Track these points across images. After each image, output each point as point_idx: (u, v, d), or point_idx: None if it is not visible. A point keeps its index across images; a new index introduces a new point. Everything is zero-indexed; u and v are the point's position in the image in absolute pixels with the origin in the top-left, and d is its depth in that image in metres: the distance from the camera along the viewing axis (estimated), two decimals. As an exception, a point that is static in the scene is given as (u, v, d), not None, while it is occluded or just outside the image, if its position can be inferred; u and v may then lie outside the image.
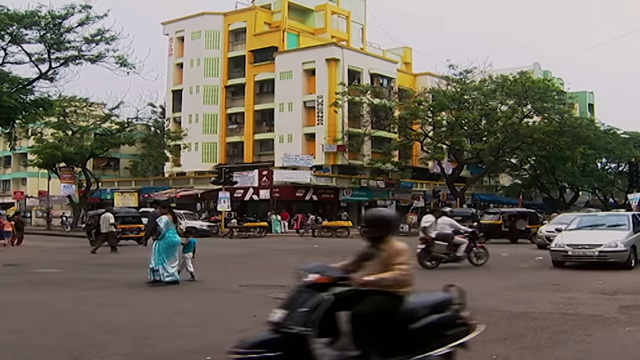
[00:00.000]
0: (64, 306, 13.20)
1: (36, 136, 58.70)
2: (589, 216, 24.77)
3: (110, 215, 30.68)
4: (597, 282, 16.55)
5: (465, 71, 61.16)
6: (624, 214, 23.26)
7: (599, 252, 19.50)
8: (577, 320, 11.21)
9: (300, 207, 60.52)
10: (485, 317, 11.49)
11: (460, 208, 53.74)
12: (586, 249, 19.77)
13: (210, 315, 12.13)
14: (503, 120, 58.48)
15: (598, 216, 24.45)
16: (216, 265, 23.26)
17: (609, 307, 12.64)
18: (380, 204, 65.06)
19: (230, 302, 13.69)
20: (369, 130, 63.09)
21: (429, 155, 61.53)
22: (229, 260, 25.55)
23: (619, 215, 23.46)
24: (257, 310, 12.14)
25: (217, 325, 11.02)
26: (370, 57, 70.30)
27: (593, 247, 19.67)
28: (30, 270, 19.21)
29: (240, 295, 14.69)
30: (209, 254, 28.44)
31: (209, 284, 16.95)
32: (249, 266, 22.84)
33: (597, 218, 23.55)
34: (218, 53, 72.30)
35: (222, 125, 72.08)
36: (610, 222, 21.94)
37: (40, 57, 33.14)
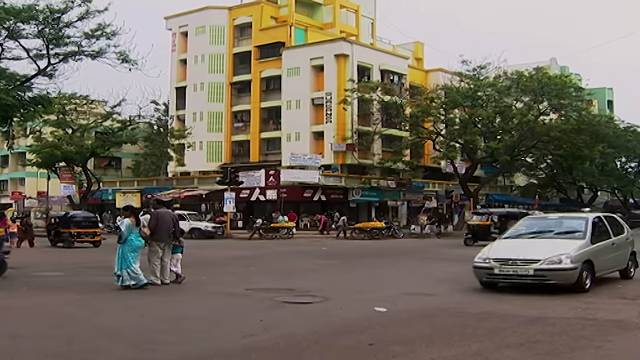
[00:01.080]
0: (64, 310, 13.20)
1: (35, 135, 58.74)
2: (537, 219, 19.72)
3: None
4: (617, 286, 16.51)
5: (479, 67, 60.91)
6: (582, 217, 17.64)
7: (535, 270, 14.87)
8: (597, 326, 11.12)
9: (308, 207, 60.54)
10: (500, 322, 11.47)
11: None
12: (518, 265, 15.11)
13: (215, 320, 12.08)
14: (518, 117, 58.25)
15: (548, 219, 19.28)
16: (221, 268, 23.25)
17: (630, 312, 12.56)
18: (391, 204, 65.23)
19: (236, 306, 13.66)
20: (379, 128, 62.97)
21: (442, 155, 61.37)
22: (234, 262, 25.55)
23: (576, 218, 17.98)
24: (264, 315, 12.16)
25: (223, 330, 11.00)
26: (380, 52, 70.18)
27: (527, 264, 15.02)
28: (29, 274, 19.24)
29: (246, 299, 14.66)
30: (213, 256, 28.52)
31: (214, 287, 16.94)
32: (256, 269, 22.81)
33: (547, 222, 18.50)
34: (223, 49, 72.34)
35: (227, 124, 72.11)
36: (564, 227, 17.18)
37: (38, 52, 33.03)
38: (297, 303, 13.85)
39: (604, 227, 17.19)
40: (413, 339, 10.18)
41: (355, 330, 10.84)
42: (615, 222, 18.28)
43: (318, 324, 11.39)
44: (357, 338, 10.24)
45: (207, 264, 24.14)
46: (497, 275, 15.49)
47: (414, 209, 64.14)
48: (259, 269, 22.91)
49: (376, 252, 29.77)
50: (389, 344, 9.76)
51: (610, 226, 17.53)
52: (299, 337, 10.29)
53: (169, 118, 74.08)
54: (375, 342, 9.80)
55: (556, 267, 14.86)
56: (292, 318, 12.12)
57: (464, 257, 26.49)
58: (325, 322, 11.54)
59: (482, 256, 15.95)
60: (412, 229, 53.06)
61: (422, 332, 10.70)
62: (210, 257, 27.95)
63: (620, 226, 18.38)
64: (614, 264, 17.28)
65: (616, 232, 17.63)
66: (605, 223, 17.46)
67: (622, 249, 17.74)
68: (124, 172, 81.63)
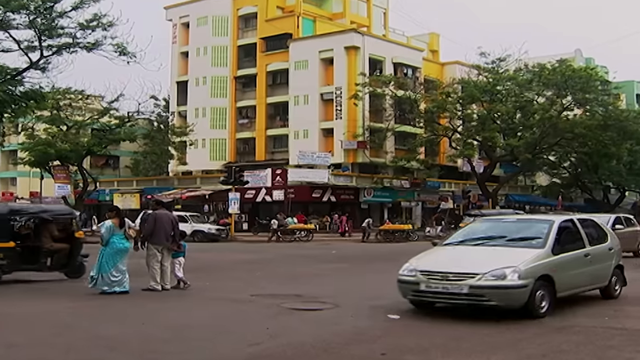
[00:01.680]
0: (61, 318, 13.23)
1: (27, 132, 58.76)
2: (492, 222, 16.71)
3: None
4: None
5: (498, 59, 60.88)
6: (546, 220, 14.81)
7: (471, 287, 12.24)
8: (626, 335, 11.08)
9: (317, 208, 60.56)
10: (520, 330, 11.44)
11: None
12: (449, 280, 12.48)
13: (219, 328, 12.11)
14: (540, 113, 58.16)
15: (505, 222, 16.37)
16: (225, 273, 23.27)
17: (661, 321, 12.46)
18: (404, 205, 65.19)
19: (241, 313, 13.68)
20: (392, 125, 62.92)
21: (458, 152, 61.35)
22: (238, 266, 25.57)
23: (539, 221, 15.19)
24: (271, 322, 12.17)
25: (228, 339, 11.02)
26: (393, 44, 70.12)
27: (461, 279, 12.38)
28: (24, 279, 19.27)
29: (251, 306, 14.68)
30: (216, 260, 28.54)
31: (218, 293, 16.95)
32: (261, 273, 22.82)
33: (503, 226, 15.57)
34: (227, 41, 72.40)
35: (231, 120, 72.19)
36: (522, 232, 14.46)
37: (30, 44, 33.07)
38: (306, 310, 13.87)
39: (575, 234, 14.47)
40: (427, 347, 10.18)
41: (367, 339, 10.86)
42: (594, 228, 15.55)
43: (327, 332, 11.38)
44: (369, 347, 10.26)
45: (211, 269, 24.15)
46: (424, 292, 12.77)
47: (429, 210, 64.10)
48: (264, 273, 22.91)
49: (389, 255, 29.63)
50: (403, 354, 9.79)
51: (585, 233, 14.67)
52: (307, 345, 10.30)
53: (169, 114, 74.12)
54: (388, 352, 9.81)
55: (498, 284, 12.13)
56: (300, 326, 12.11)
57: None
58: (335, 330, 11.54)
59: (408, 267, 13.30)
60: (427, 231, 52.96)
61: (437, 341, 10.68)
62: (213, 261, 27.96)
63: (602, 233, 15.59)
64: (589, 280, 14.35)
65: (594, 241, 14.84)
66: (579, 228, 14.65)
67: (601, 261, 14.77)
68: (122, 171, 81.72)
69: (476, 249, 13.84)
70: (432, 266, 13.06)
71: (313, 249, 38.12)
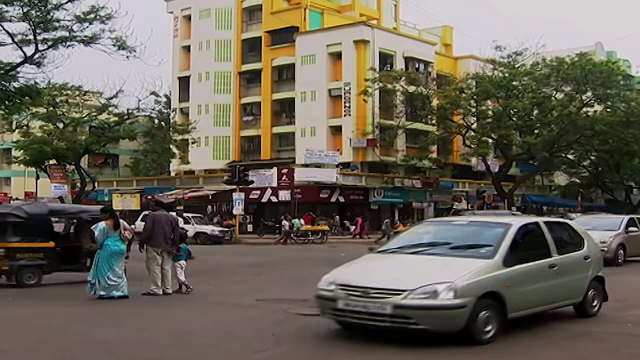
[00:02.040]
0: (54, 323, 13.19)
1: (22, 129, 58.93)
2: (438, 225, 14.80)
3: (179, 219, 32.23)
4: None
5: (515, 53, 60.74)
6: (502, 223, 12.67)
7: (395, 307, 10.38)
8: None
9: (325, 209, 60.50)
10: (540, 336, 11.37)
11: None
12: (370, 298, 10.63)
13: (223, 333, 12.07)
14: (558, 109, 57.99)
15: (453, 225, 14.15)
16: (228, 276, 23.24)
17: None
18: (416, 206, 65.10)
19: (245, 319, 13.64)
20: (403, 122, 62.87)
21: (473, 151, 61.18)
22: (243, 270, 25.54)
23: (493, 225, 12.93)
24: (277, 328, 12.12)
25: (232, 345, 11.00)
26: (404, 38, 70.07)
27: (384, 296, 10.54)
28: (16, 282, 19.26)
29: (256, 311, 14.65)
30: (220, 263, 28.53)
31: (221, 298, 16.94)
32: (267, 277, 22.79)
33: (449, 230, 13.59)
34: (230, 34, 72.43)
35: (235, 117, 72.23)
36: (470, 238, 12.59)
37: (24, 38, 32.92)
38: (312, 315, 13.74)
39: (538, 240, 12.65)
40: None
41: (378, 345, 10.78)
42: (566, 233, 13.87)
43: (335, 339, 11.36)
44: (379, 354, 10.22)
45: (214, 272, 24.14)
46: (343, 311, 10.93)
47: (441, 212, 63.97)
48: (270, 277, 22.89)
49: None
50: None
51: (552, 239, 12.80)
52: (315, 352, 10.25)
53: (171, 111, 74.22)
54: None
55: (427, 304, 10.33)
56: (306, 331, 12.06)
57: None
58: (343, 336, 11.48)
59: (328, 278, 11.55)
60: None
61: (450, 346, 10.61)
62: (217, 264, 27.97)
63: (576, 239, 13.76)
64: (555, 295, 12.48)
65: (564, 248, 13.03)
66: (544, 233, 12.77)
67: (573, 273, 12.89)
68: (122, 170, 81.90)
69: (411, 259, 11.88)
70: (354, 279, 11.16)
71: (321, 251, 38.07)
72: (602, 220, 30.37)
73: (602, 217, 34.01)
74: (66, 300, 16.26)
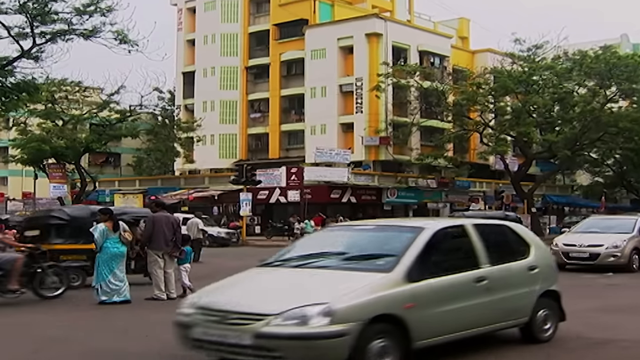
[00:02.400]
0: (53, 331, 13.14)
1: (19, 127, 59.00)
2: (336, 230, 12.69)
3: (199, 221, 33.39)
4: None
5: (535, 47, 60.44)
6: (414, 227, 10.71)
7: (256, 337, 8.63)
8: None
9: (336, 210, 60.37)
10: (562, 345, 11.23)
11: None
12: (229, 324, 8.85)
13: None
14: (581, 105, 57.74)
15: (356, 230, 11.93)
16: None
17: None
18: (431, 207, 64.96)
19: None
20: (418, 119, 62.78)
21: (490, 149, 60.97)
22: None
23: (403, 229, 10.99)
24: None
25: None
26: (419, 31, 69.99)
27: (245, 322, 8.74)
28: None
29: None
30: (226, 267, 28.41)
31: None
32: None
33: (350, 236, 11.57)
34: (237, 27, 72.41)
35: (242, 114, 72.23)
36: (373, 246, 10.71)
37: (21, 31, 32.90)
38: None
39: (462, 248, 10.88)
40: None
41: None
42: (503, 238, 11.90)
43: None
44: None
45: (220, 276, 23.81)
46: (200, 341, 9.17)
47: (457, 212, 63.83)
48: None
49: None
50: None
51: (482, 245, 10.79)
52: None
53: (175, 108, 74.26)
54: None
55: (294, 333, 8.54)
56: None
57: None
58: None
59: (192, 298, 10.04)
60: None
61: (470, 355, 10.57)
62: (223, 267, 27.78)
63: (519, 246, 11.76)
64: (486, 317, 10.55)
65: (500, 257, 11.09)
66: (471, 240, 10.81)
67: (511, 288, 10.97)
68: (124, 170, 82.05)
69: (292, 274, 10.11)
70: (215, 300, 9.38)
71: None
72: (614, 221, 29.14)
73: (614, 219, 32.09)
74: (68, 306, 16.28)
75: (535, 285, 11.35)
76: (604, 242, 25.20)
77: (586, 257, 25.35)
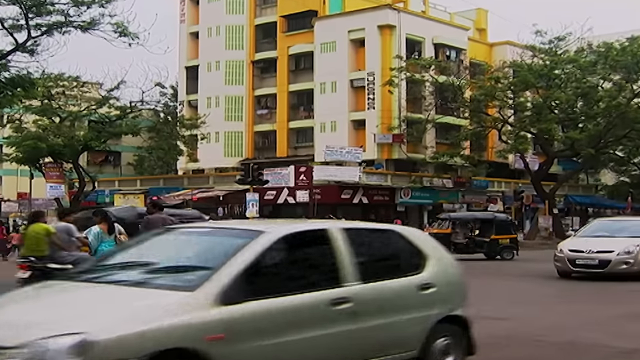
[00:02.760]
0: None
1: (14, 124, 59.06)
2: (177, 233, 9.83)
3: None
4: None
5: (557, 39, 60.39)
6: (255, 231, 8.54)
7: None
8: None
9: (347, 211, 60.23)
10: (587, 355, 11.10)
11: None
12: None
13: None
14: (606, 101, 57.65)
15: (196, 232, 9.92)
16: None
17: None
18: (447, 208, 64.74)
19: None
20: (433, 115, 62.72)
21: (510, 147, 60.93)
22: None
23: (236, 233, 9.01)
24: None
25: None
26: (434, 22, 69.84)
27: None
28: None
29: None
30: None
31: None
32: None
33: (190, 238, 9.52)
34: (243, 19, 72.44)
35: (248, 111, 72.27)
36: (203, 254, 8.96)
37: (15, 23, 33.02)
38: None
39: (318, 260, 8.85)
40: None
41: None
42: (388, 248, 9.70)
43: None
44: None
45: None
46: None
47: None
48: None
49: None
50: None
51: (352, 257, 8.60)
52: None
53: (178, 104, 74.35)
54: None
55: None
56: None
57: (535, 272, 26.10)
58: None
59: None
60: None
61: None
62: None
63: (409, 258, 9.51)
64: (349, 351, 8.42)
65: (378, 272, 9.04)
66: (334, 248, 8.59)
67: (392, 312, 8.80)
68: (124, 169, 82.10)
69: (75, 290, 8.14)
70: None
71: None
72: (624, 223, 27.33)
73: (624, 221, 30.63)
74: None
75: (430, 309, 9.16)
76: (615, 248, 23.36)
77: (595, 265, 23.38)
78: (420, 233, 11.12)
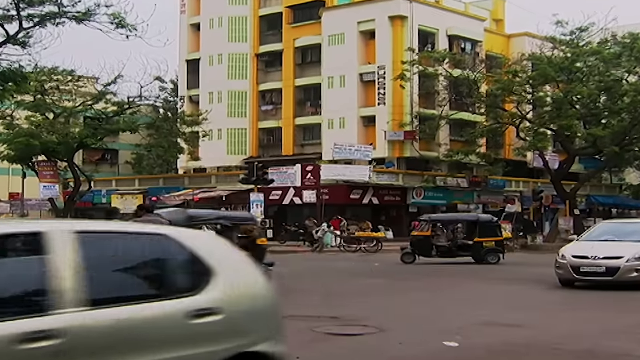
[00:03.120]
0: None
1: (5, 121, 59.13)
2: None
3: None
4: None
5: (579, 30, 60.20)
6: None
7: None
8: None
9: (356, 212, 60.36)
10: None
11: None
12: None
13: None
14: (631, 95, 57.44)
15: None
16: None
17: None
18: (462, 209, 64.76)
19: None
20: (447, 111, 62.81)
21: (528, 145, 60.85)
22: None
23: None
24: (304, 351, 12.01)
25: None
26: (448, 13, 69.89)
27: None
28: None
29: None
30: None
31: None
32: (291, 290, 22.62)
33: None
34: (247, 10, 72.58)
35: (253, 107, 72.43)
36: None
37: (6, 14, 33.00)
38: (345, 335, 13.76)
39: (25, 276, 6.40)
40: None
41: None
42: (146, 257, 7.34)
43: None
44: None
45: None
46: None
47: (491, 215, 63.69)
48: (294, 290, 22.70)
49: (433, 270, 29.98)
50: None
51: (83, 271, 6.35)
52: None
53: (178, 99, 74.46)
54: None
55: None
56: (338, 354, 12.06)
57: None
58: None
59: None
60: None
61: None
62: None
63: (188, 272, 7.37)
64: None
65: (122, 292, 6.79)
66: (52, 259, 6.29)
67: (130, 354, 6.46)
68: (122, 168, 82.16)
69: None
70: None
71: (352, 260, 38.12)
72: (633, 226, 26.08)
73: (633, 223, 29.54)
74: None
75: (212, 344, 6.98)
76: (624, 253, 21.72)
77: (602, 273, 21.78)
78: (209, 240, 8.56)
